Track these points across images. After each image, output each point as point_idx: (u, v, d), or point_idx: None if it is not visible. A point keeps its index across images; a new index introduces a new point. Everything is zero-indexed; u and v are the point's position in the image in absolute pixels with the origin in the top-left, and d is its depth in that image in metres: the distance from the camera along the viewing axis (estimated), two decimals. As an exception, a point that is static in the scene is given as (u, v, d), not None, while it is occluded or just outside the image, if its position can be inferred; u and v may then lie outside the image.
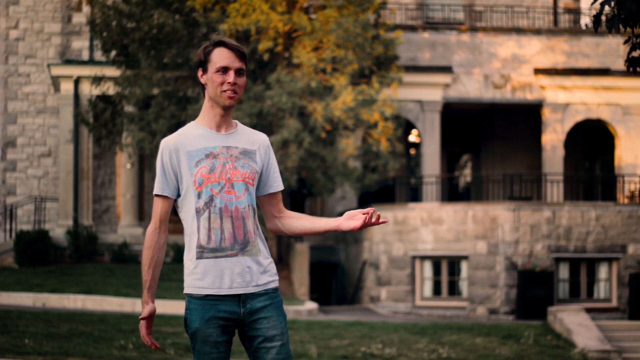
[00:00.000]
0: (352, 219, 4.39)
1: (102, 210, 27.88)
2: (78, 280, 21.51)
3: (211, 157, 4.35)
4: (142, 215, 27.09)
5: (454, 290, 23.36)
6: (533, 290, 22.13)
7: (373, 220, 4.36)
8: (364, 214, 4.36)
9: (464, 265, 23.17)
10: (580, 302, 22.62)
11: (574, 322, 18.71)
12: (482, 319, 21.88)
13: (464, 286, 23.20)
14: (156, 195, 4.40)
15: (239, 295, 4.34)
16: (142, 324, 4.35)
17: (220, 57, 4.36)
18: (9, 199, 27.84)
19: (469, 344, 16.90)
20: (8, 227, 27.04)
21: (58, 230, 25.58)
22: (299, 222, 4.54)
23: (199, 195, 4.32)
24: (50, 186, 27.85)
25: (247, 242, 4.36)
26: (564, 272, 23.21)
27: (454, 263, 23.31)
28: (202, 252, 4.33)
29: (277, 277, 4.48)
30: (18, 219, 27.15)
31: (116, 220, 27.54)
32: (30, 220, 27.30)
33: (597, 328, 18.68)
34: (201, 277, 4.33)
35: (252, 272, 4.35)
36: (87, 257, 24.84)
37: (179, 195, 4.40)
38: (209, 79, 4.38)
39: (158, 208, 4.40)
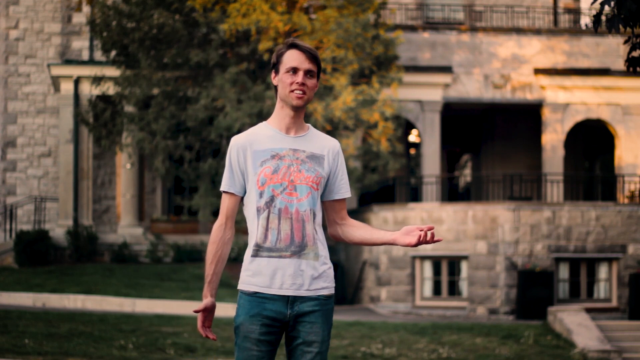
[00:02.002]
0: (408, 235, 4.41)
1: (102, 210, 27.89)
2: (78, 280, 21.51)
3: (277, 159, 4.39)
4: (142, 215, 27.09)
5: (454, 290, 23.36)
6: (533, 290, 22.12)
7: (428, 238, 4.35)
8: (420, 230, 4.37)
9: (464, 265, 23.17)
10: (580, 302, 22.62)
11: (574, 322, 18.71)
12: (482, 319, 21.88)
13: (464, 286, 23.20)
14: (223, 191, 4.46)
15: (287, 297, 4.35)
16: (199, 316, 4.37)
17: (291, 58, 4.42)
18: (9, 199, 27.84)
19: (469, 344, 16.90)
20: (8, 227, 27.04)
21: (58, 230, 25.58)
22: (358, 231, 4.56)
23: (260, 195, 4.36)
24: (50, 186, 27.85)
25: (304, 245, 4.38)
26: (564, 272, 23.21)
27: (454, 263, 23.31)
28: (258, 250, 4.37)
29: (333, 284, 4.49)
30: (18, 219, 27.15)
31: (116, 220, 27.54)
32: (30, 220, 27.30)
33: (597, 328, 18.68)
34: (253, 274, 4.37)
35: (304, 276, 4.37)
36: (87, 257, 24.84)
37: (245, 193, 4.45)
38: (280, 79, 4.44)
39: (225, 204, 4.45)
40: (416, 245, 4.36)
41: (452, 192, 31.59)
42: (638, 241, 23.16)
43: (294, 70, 4.41)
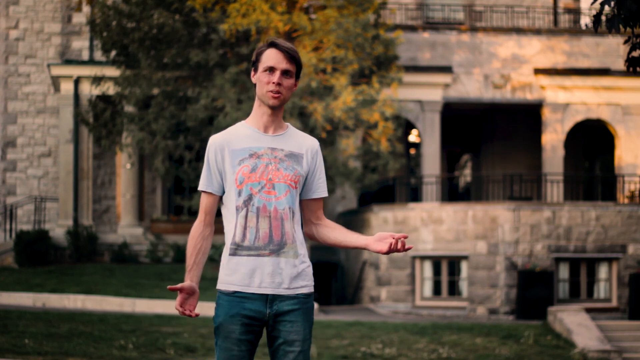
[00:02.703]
0: (381, 241, 4.40)
1: (102, 210, 27.89)
2: (78, 280, 21.51)
3: (255, 157, 4.39)
4: (142, 215, 27.09)
5: (454, 290, 23.36)
6: (533, 290, 22.13)
7: (399, 247, 4.34)
8: (393, 237, 4.36)
9: (464, 265, 23.17)
10: (580, 302, 22.62)
11: (574, 322, 18.71)
12: (482, 319, 21.88)
13: (464, 286, 23.20)
14: (201, 191, 4.47)
15: (267, 296, 4.35)
16: (178, 296, 4.39)
17: (269, 57, 4.42)
18: (9, 199, 27.84)
19: (469, 344, 16.90)
20: (8, 227, 27.04)
21: (58, 230, 25.58)
22: (333, 232, 4.56)
23: (239, 194, 4.37)
24: (50, 186, 27.85)
25: (283, 243, 4.37)
26: (564, 272, 23.21)
27: (454, 263, 23.31)
28: (236, 249, 4.37)
29: (312, 283, 4.47)
30: (18, 219, 27.15)
31: (116, 220, 27.54)
32: (30, 220, 27.30)
33: (597, 328, 18.68)
34: (231, 273, 4.37)
35: (283, 274, 4.37)
36: (87, 257, 24.84)
37: (223, 192, 4.45)
38: (258, 78, 4.45)
39: (203, 203, 4.47)
40: (387, 253, 4.35)
41: (452, 192, 31.59)
42: (638, 241, 23.16)
43: (271, 70, 4.40)
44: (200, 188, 4.47)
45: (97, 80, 23.58)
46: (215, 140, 4.46)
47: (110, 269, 23.23)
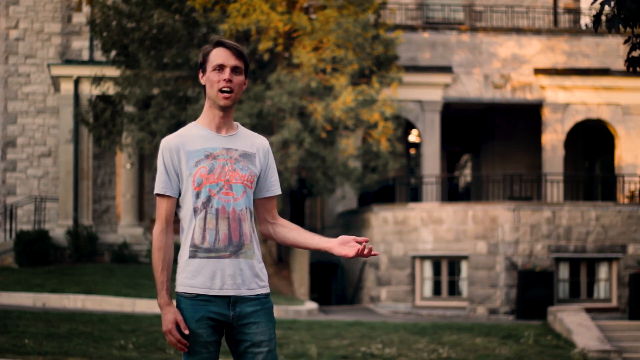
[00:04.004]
0: (345, 245, 4.38)
1: (102, 210, 27.89)
2: (78, 280, 21.50)
3: (211, 158, 4.36)
4: (142, 215, 27.09)
5: (454, 290, 23.36)
6: (533, 290, 22.13)
7: (365, 252, 4.33)
8: (358, 242, 4.35)
9: (464, 265, 23.18)
10: (580, 302, 22.62)
11: (574, 322, 18.71)
12: (482, 319, 21.88)
13: (464, 286, 23.21)
14: (158, 195, 4.40)
15: (229, 298, 4.33)
16: (172, 327, 4.29)
17: (217, 56, 4.40)
18: (9, 199, 27.84)
19: (469, 344, 16.90)
20: (8, 227, 27.04)
21: (58, 230, 25.57)
22: (291, 233, 4.54)
23: (197, 195, 4.33)
24: (50, 186, 27.85)
25: (242, 244, 4.36)
26: (564, 272, 23.21)
27: (454, 263, 23.31)
28: (196, 251, 4.33)
29: (267, 283, 4.46)
30: (18, 219, 27.15)
31: (116, 220, 27.54)
32: (30, 220, 27.30)
33: (597, 328, 18.68)
34: (192, 276, 4.34)
35: (244, 275, 4.36)
36: (87, 257, 24.83)
37: (179, 195, 4.40)
38: (207, 78, 4.41)
39: (162, 208, 4.39)
40: (353, 257, 4.34)
41: (452, 192, 31.59)
42: (638, 241, 23.17)
43: (220, 68, 4.38)
44: (157, 191, 4.39)
45: (97, 80, 23.58)
46: (169, 142, 4.41)
47: (110, 269, 23.23)
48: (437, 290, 23.45)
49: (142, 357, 13.70)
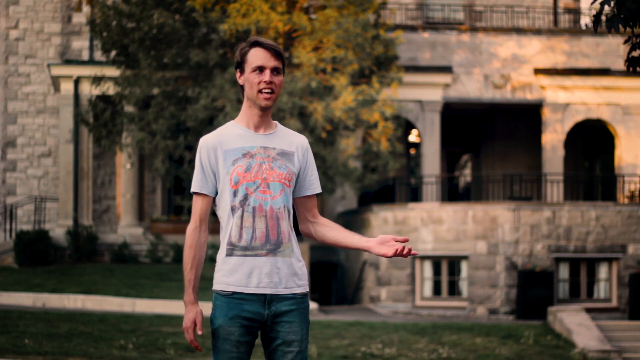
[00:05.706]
0: (384, 245, 4.37)
1: (102, 210, 27.89)
2: (78, 280, 21.51)
3: (248, 157, 4.35)
4: (142, 215, 27.10)
5: (454, 290, 23.36)
6: (533, 290, 22.13)
7: (405, 252, 4.32)
8: (397, 241, 4.34)
9: (464, 265, 23.18)
10: (580, 302, 22.62)
11: (574, 322, 18.71)
12: (482, 319, 21.88)
13: (464, 286, 23.21)
14: (195, 193, 4.40)
15: (265, 296, 4.32)
16: (190, 326, 4.31)
17: (256, 56, 4.37)
18: (9, 199, 27.84)
19: (469, 344, 16.90)
20: (8, 227, 27.04)
21: (58, 230, 25.58)
22: (331, 232, 4.52)
23: (234, 194, 4.33)
24: (50, 186, 27.85)
25: (280, 242, 4.34)
26: (564, 272, 23.21)
27: (454, 263, 23.32)
28: (233, 249, 4.33)
29: (307, 283, 4.45)
30: (18, 219, 27.15)
31: (116, 220, 27.54)
32: (30, 220, 27.30)
33: (597, 328, 18.68)
34: (229, 274, 4.34)
35: (281, 274, 4.34)
36: (87, 257, 24.83)
37: (216, 194, 4.40)
38: (246, 79, 4.40)
39: (197, 206, 4.40)
40: (391, 256, 4.33)
41: (452, 192, 31.58)
42: (638, 241, 23.17)
43: (261, 69, 4.37)
44: (193, 190, 4.40)
45: (97, 80, 23.58)
46: (207, 141, 4.40)
47: (110, 269, 23.23)
48: (437, 290, 23.45)
49: (142, 357, 13.70)
